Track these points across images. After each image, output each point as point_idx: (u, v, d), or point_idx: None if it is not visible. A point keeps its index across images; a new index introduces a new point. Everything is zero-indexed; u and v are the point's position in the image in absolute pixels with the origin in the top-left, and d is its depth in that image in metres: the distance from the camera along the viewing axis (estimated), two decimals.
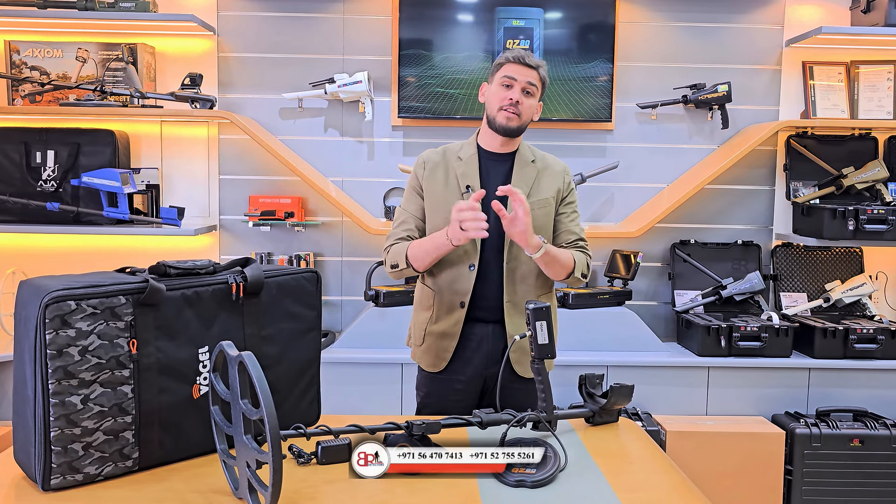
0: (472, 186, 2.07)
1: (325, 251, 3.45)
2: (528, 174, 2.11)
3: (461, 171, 2.10)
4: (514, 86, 2.06)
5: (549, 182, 2.13)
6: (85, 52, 3.26)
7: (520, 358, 2.08)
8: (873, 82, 3.38)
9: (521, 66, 2.06)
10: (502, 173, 2.11)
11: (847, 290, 3.37)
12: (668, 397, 3.12)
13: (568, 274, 2.06)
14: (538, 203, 2.09)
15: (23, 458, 1.38)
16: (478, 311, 2.08)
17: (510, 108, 2.05)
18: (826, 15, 3.42)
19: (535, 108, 2.12)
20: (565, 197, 2.16)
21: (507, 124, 2.06)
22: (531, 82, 2.07)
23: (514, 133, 2.09)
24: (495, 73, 2.11)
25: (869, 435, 2.96)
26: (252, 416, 1.22)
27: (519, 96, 2.06)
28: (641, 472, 1.55)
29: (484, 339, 2.09)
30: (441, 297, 2.10)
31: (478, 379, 2.11)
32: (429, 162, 2.14)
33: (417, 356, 2.18)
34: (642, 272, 3.43)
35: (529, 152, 2.16)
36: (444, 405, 2.10)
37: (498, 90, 2.08)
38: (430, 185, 2.12)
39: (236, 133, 3.35)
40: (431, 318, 2.12)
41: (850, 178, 3.34)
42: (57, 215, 3.10)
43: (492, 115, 2.09)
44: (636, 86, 3.43)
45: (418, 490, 1.37)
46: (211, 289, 1.48)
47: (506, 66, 2.08)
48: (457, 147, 2.17)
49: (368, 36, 3.39)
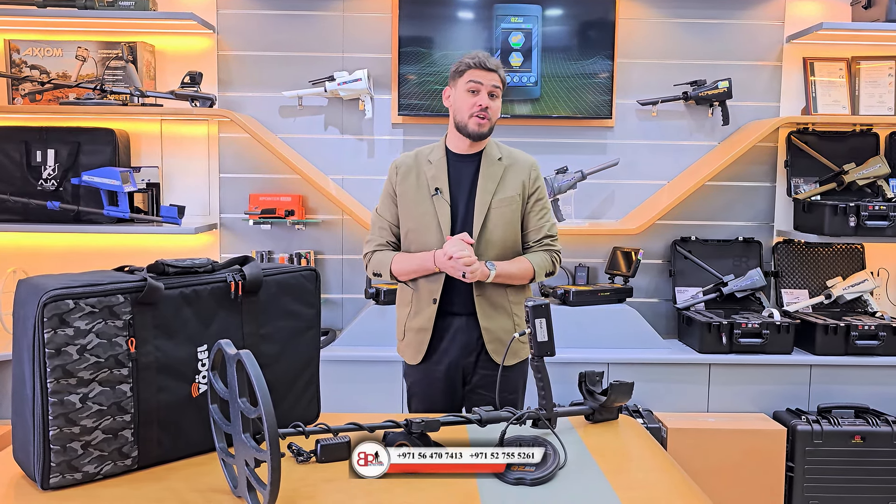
0: (440, 189, 2.18)
1: (325, 249, 3.45)
2: (495, 172, 2.19)
3: (431, 175, 2.19)
4: (481, 91, 2.13)
5: (515, 177, 2.21)
6: (85, 51, 3.26)
7: (497, 348, 2.18)
8: (874, 78, 3.37)
9: (485, 70, 2.13)
10: (470, 173, 2.20)
11: (848, 286, 3.36)
12: (668, 394, 3.12)
13: (530, 280, 2.20)
14: (505, 200, 2.18)
15: (22, 457, 1.38)
16: (451, 306, 2.19)
17: (481, 114, 2.12)
18: (827, 11, 3.41)
19: (499, 109, 2.20)
20: (532, 193, 2.23)
21: (479, 130, 2.14)
22: (495, 85, 2.15)
23: (486, 136, 2.18)
24: (458, 79, 2.16)
25: (870, 432, 2.95)
26: (250, 414, 1.22)
27: (487, 101, 2.13)
28: (641, 469, 1.55)
29: (458, 331, 2.20)
30: (418, 294, 2.22)
31: (456, 368, 2.22)
32: (401, 167, 2.24)
33: (401, 350, 2.31)
34: (643, 269, 3.43)
35: (496, 150, 2.23)
36: (429, 393, 2.24)
37: (465, 96, 2.14)
38: (402, 189, 2.22)
39: (236, 131, 3.35)
40: (410, 314, 2.24)
41: (851, 175, 3.33)
42: (57, 214, 3.11)
43: (462, 122, 2.15)
44: (636, 83, 3.42)
45: (417, 488, 1.36)
46: (209, 287, 1.48)
47: (470, 72, 2.14)
48: (427, 150, 2.26)
49: (368, 34, 3.39)
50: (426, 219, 2.18)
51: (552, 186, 3.22)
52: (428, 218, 2.18)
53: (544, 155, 3.41)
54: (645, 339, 3.19)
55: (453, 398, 2.25)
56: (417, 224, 2.19)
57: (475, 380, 2.22)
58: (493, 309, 2.18)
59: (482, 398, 2.17)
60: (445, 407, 2.24)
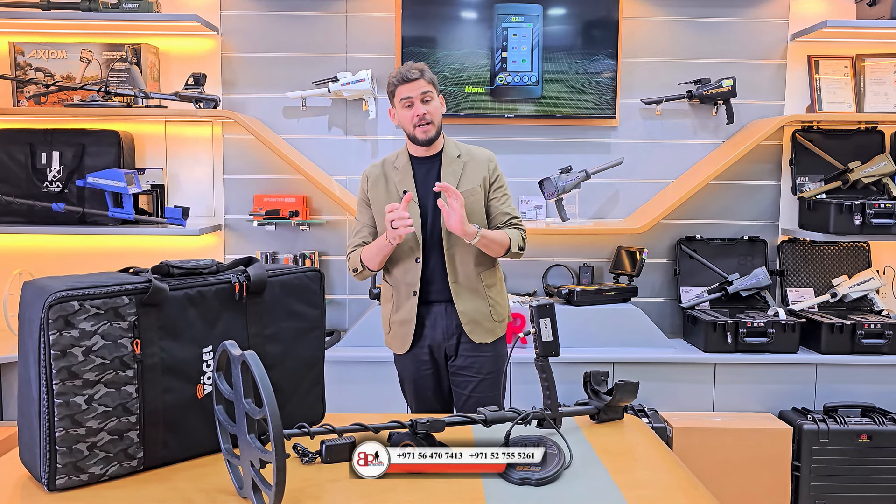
0: (408, 191, 2.31)
1: (329, 250, 3.45)
2: (456, 169, 2.35)
3: (398, 179, 2.36)
4: (414, 102, 2.28)
5: (475, 172, 2.36)
6: (89, 53, 3.27)
7: (473, 329, 2.34)
8: (879, 76, 3.36)
9: (409, 82, 2.27)
10: (433, 173, 2.36)
11: (854, 284, 3.35)
12: (674, 394, 3.12)
13: (506, 250, 2.31)
14: (467, 192, 2.31)
15: (28, 459, 1.38)
16: (429, 296, 2.34)
17: (422, 122, 2.27)
18: (831, 8, 3.40)
19: (439, 107, 2.33)
20: (492, 183, 2.38)
21: (426, 136, 2.29)
22: (424, 91, 2.28)
23: (436, 139, 2.32)
24: (393, 99, 2.32)
25: (877, 430, 2.94)
26: (255, 415, 1.22)
27: (422, 109, 2.27)
28: (647, 469, 1.54)
29: (438, 317, 2.35)
30: (398, 289, 2.37)
31: (439, 350, 2.38)
32: (370, 175, 2.41)
33: (388, 342, 2.46)
34: (648, 268, 3.42)
35: (455, 149, 2.39)
36: (417, 377, 2.41)
37: (403, 112, 2.30)
38: (374, 195, 2.38)
39: (240, 132, 3.36)
40: (393, 309, 2.39)
41: (856, 173, 3.32)
42: (62, 216, 3.12)
43: (410, 133, 2.31)
44: (640, 81, 3.42)
45: (422, 489, 1.36)
46: (214, 288, 1.49)
47: (398, 90, 2.29)
48: (393, 157, 2.42)
49: (371, 34, 3.39)
50: None
51: (556, 186, 3.22)
52: None
53: (548, 154, 3.42)
54: (650, 339, 3.18)
55: (439, 377, 2.41)
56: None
57: (458, 361, 2.37)
58: (469, 293, 2.33)
59: (464, 379, 2.36)
60: (433, 385, 2.41)
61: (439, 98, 2.34)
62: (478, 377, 2.35)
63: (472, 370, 2.35)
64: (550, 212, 3.40)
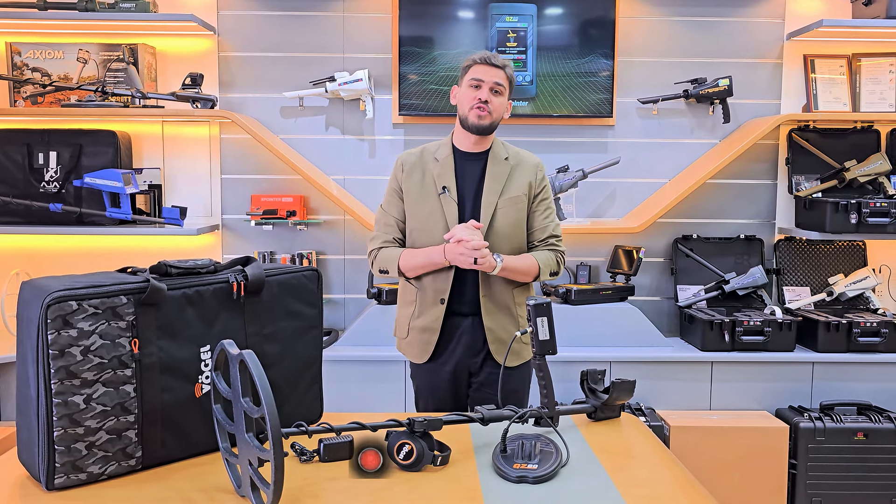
0: (447, 187, 2.18)
1: (327, 249, 3.45)
2: (501, 172, 2.20)
3: (437, 173, 2.20)
4: (482, 86, 2.15)
5: (522, 177, 2.22)
6: (86, 53, 3.27)
7: (499, 349, 2.19)
8: (875, 75, 3.37)
9: (488, 66, 2.15)
10: (476, 172, 2.21)
11: (850, 283, 3.36)
12: (671, 392, 3.12)
13: (534, 277, 2.19)
14: (511, 200, 2.19)
15: (26, 458, 1.39)
16: (457, 306, 2.19)
17: (480, 107, 2.14)
18: (827, 8, 3.41)
19: (504, 107, 2.21)
20: (538, 193, 2.24)
21: (478, 122, 2.15)
22: (498, 82, 2.16)
23: (487, 130, 2.18)
24: (464, 76, 2.19)
25: (873, 428, 2.96)
26: (253, 414, 1.22)
27: (488, 95, 2.14)
28: (644, 467, 1.55)
29: (464, 332, 2.20)
30: (423, 293, 2.21)
31: (462, 368, 2.23)
32: (407, 164, 2.24)
33: (402, 347, 2.30)
34: (645, 267, 3.43)
35: (503, 150, 2.25)
36: (436, 392, 2.25)
37: (467, 91, 2.17)
38: (408, 186, 2.22)
39: (238, 132, 3.36)
40: (414, 313, 2.23)
41: (852, 172, 3.33)
42: (60, 216, 3.12)
43: (463, 116, 2.18)
44: (637, 81, 3.42)
45: (420, 487, 1.37)
46: (212, 288, 1.49)
47: (473, 68, 2.17)
48: (434, 147, 2.26)
49: (369, 34, 3.39)
50: (433, 217, 2.18)
51: (553, 185, 3.22)
52: (435, 216, 2.18)
53: (545, 154, 3.41)
54: (647, 338, 3.19)
55: (458, 397, 2.27)
56: (423, 223, 2.19)
57: (480, 379, 2.23)
58: (498, 309, 2.19)
59: (487, 397, 2.18)
60: (452, 406, 2.26)
61: (508, 102, 2.22)
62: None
63: (495, 388, 2.11)
64: None
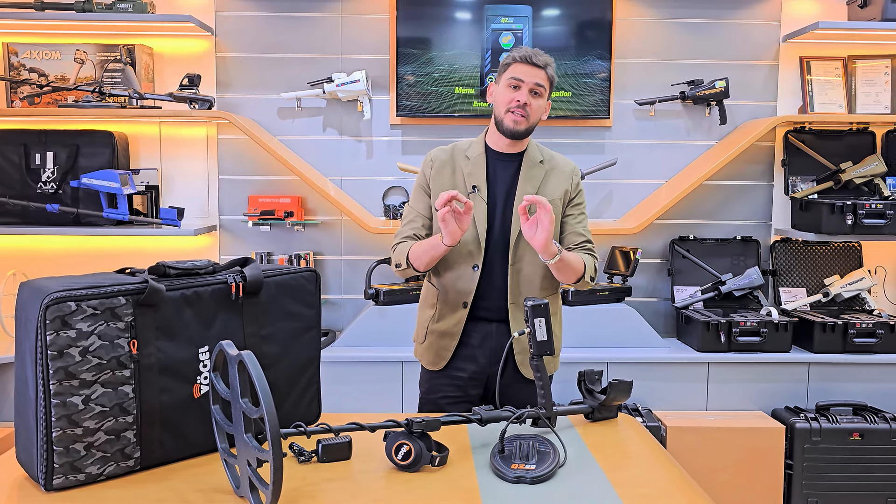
0: (478, 186, 2.06)
1: (324, 250, 3.46)
2: (536, 175, 2.09)
3: (468, 171, 2.09)
4: (522, 87, 2.02)
5: (557, 183, 2.11)
6: (83, 54, 3.27)
7: (524, 360, 2.08)
8: (871, 77, 3.38)
9: (529, 66, 2.01)
10: (509, 174, 2.09)
11: (846, 284, 3.38)
12: (667, 393, 3.13)
13: (578, 278, 2.04)
14: None
15: (25, 459, 1.39)
16: (481, 311, 2.08)
17: (518, 111, 2.01)
18: (823, 10, 3.42)
19: (543, 108, 2.08)
20: (573, 198, 2.13)
21: (514, 128, 2.03)
22: (539, 83, 2.02)
23: (522, 136, 2.06)
24: (503, 74, 2.06)
25: (869, 429, 2.97)
26: (252, 414, 1.23)
27: (527, 98, 2.01)
28: (641, 467, 1.56)
29: (487, 337, 2.08)
30: (445, 296, 2.10)
31: (480, 376, 2.10)
32: (436, 160, 2.13)
33: (419, 353, 2.18)
34: (641, 268, 3.44)
35: (538, 152, 2.13)
36: (443, 403, 2.11)
37: (505, 91, 2.04)
38: (437, 183, 2.10)
39: (235, 133, 3.36)
40: (434, 317, 2.12)
41: (848, 173, 3.34)
42: (57, 217, 3.11)
43: (499, 118, 2.05)
44: (634, 82, 3.43)
45: (418, 487, 1.37)
46: (210, 289, 1.49)
47: (513, 67, 2.03)
48: (465, 145, 2.15)
49: (366, 35, 3.39)
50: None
51: None
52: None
53: None
54: (644, 338, 3.19)
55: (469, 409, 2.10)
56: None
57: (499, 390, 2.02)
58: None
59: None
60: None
61: (547, 102, 2.08)
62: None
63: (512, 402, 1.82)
64: None
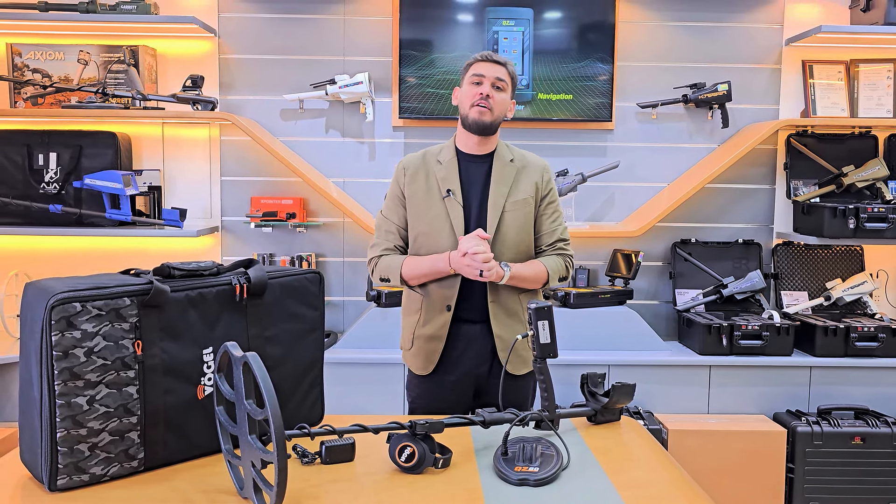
0: (452, 190, 2.12)
1: (326, 252, 3.46)
2: (508, 174, 2.15)
3: (441, 176, 2.13)
4: (484, 82, 2.10)
5: (528, 181, 2.17)
6: (86, 55, 3.27)
7: (511, 357, 2.11)
8: (873, 81, 3.38)
9: (489, 63, 2.11)
10: (482, 175, 2.15)
11: (848, 288, 3.37)
12: (669, 396, 3.13)
13: (543, 284, 2.14)
14: (518, 203, 2.14)
15: (29, 459, 1.39)
16: (464, 313, 2.12)
17: (481, 103, 2.08)
18: (825, 14, 3.43)
19: (507, 105, 2.15)
20: (545, 196, 2.20)
21: (480, 118, 2.09)
22: (500, 77, 2.11)
23: (489, 128, 2.12)
24: (465, 74, 2.15)
25: (870, 433, 2.96)
26: (257, 416, 1.23)
27: (489, 90, 2.09)
28: (643, 469, 1.56)
29: (472, 340, 2.13)
30: (428, 300, 2.14)
31: (468, 378, 2.15)
32: (409, 167, 2.17)
33: (408, 359, 2.22)
34: (643, 271, 3.44)
35: (508, 151, 2.20)
36: (435, 407, 2.14)
37: (468, 88, 2.12)
38: (411, 190, 2.15)
39: (238, 134, 3.36)
40: (419, 322, 2.16)
41: (850, 177, 3.34)
42: (59, 217, 3.11)
43: (465, 114, 2.13)
44: (636, 85, 3.43)
45: (422, 489, 1.37)
46: (215, 290, 1.49)
47: (474, 66, 2.13)
48: (436, 150, 2.20)
49: (369, 37, 3.40)
50: (438, 222, 2.11)
51: None
52: (440, 221, 2.11)
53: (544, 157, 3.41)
54: (645, 341, 3.19)
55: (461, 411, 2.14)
56: (428, 227, 2.12)
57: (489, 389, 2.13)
58: (507, 316, 2.12)
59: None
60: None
61: (512, 101, 2.16)
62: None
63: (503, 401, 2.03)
64: None
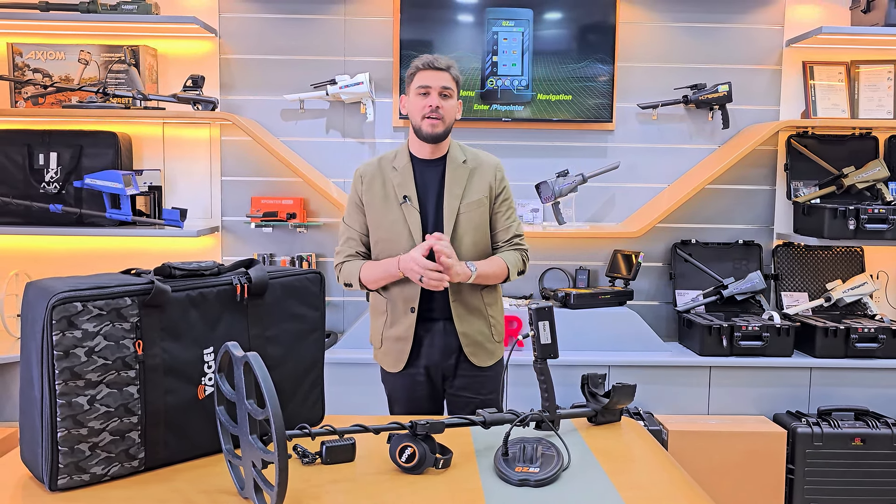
0: (408, 196, 2.17)
1: (327, 252, 3.46)
2: (461, 176, 2.20)
3: (397, 182, 2.19)
4: (431, 92, 2.13)
5: (482, 180, 2.21)
6: (87, 55, 3.27)
7: (474, 351, 2.21)
8: (873, 82, 3.39)
9: (433, 70, 2.13)
10: (436, 178, 2.20)
11: (848, 289, 3.37)
12: (669, 397, 3.13)
13: (504, 279, 2.21)
14: (473, 204, 2.19)
15: (29, 459, 1.39)
16: (428, 312, 2.19)
17: (432, 115, 2.12)
18: (826, 15, 3.43)
19: (455, 108, 2.19)
20: (499, 194, 2.24)
21: (433, 131, 2.14)
22: (445, 86, 2.14)
23: (441, 137, 2.17)
24: (410, 84, 2.17)
25: (870, 434, 2.97)
26: (258, 416, 1.23)
27: (437, 101, 2.12)
28: (644, 470, 1.56)
29: (436, 336, 2.21)
30: (393, 304, 2.21)
31: (436, 370, 2.24)
32: (366, 175, 2.23)
33: (379, 357, 2.30)
34: (644, 272, 3.44)
35: (460, 153, 2.23)
36: (410, 398, 2.26)
37: (416, 100, 2.15)
38: (369, 198, 2.21)
39: (238, 134, 3.36)
40: (386, 323, 2.23)
41: (850, 178, 3.34)
42: (60, 217, 3.11)
43: (416, 125, 2.16)
44: (637, 86, 3.44)
45: (422, 489, 1.37)
46: (215, 290, 1.49)
47: (418, 76, 2.15)
48: (391, 156, 2.25)
49: (369, 37, 3.40)
50: (396, 227, 2.17)
51: (553, 189, 3.23)
52: (398, 226, 2.17)
53: (545, 158, 3.43)
54: (645, 342, 3.19)
55: (435, 400, 2.28)
56: (388, 233, 2.18)
57: (456, 382, 2.24)
58: (469, 313, 2.20)
59: (464, 400, 2.23)
60: (428, 408, 2.26)
61: (458, 101, 2.20)
62: (477, 398, 2.21)
63: (472, 391, 2.23)
64: (547, 215, 3.42)
